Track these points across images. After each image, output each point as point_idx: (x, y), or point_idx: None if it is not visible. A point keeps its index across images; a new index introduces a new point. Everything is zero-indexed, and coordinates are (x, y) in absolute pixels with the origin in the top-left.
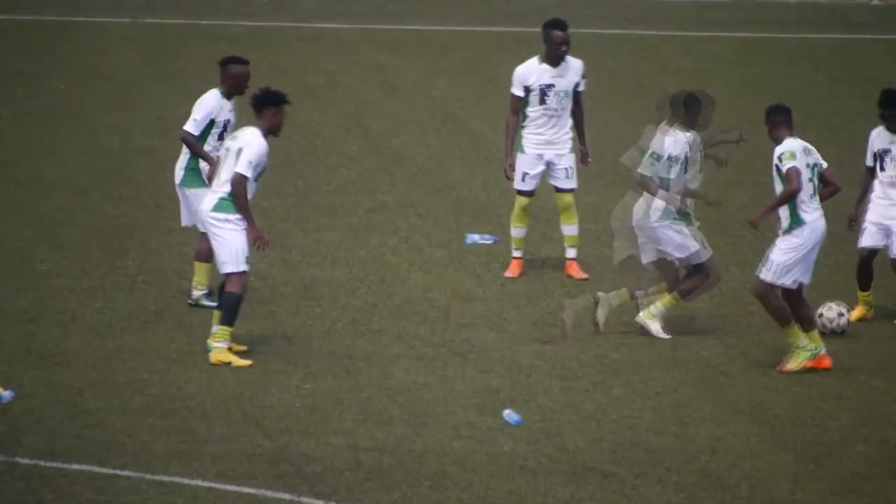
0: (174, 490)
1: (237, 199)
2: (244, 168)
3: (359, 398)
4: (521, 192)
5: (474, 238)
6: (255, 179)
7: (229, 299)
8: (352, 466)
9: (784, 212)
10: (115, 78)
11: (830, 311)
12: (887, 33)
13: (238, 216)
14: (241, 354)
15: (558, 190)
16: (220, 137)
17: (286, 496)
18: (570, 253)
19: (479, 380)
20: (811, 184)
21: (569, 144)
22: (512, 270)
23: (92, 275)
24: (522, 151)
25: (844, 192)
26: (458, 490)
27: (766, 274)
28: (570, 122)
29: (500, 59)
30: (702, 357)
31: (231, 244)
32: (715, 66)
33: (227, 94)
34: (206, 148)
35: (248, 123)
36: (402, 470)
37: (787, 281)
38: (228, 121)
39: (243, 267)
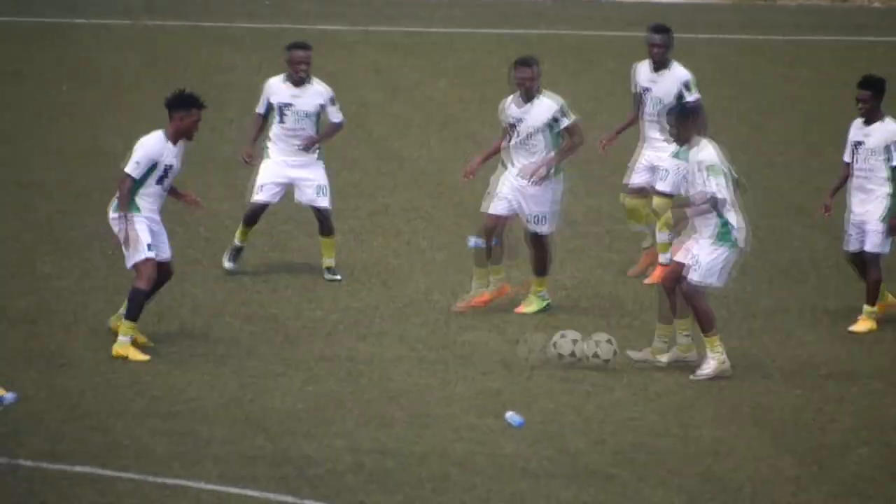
0: (177, 493)
1: (120, 193)
2: (130, 168)
3: (360, 400)
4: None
5: (476, 241)
6: (160, 182)
7: (135, 294)
8: (354, 469)
9: (712, 217)
10: (116, 80)
11: (564, 340)
12: (888, 35)
13: (133, 213)
14: (144, 348)
15: (655, 192)
16: (281, 120)
17: (289, 499)
18: (662, 259)
19: (481, 382)
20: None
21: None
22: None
23: (93, 276)
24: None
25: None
26: (460, 492)
27: (695, 275)
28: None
29: (501, 61)
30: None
31: (128, 238)
32: (716, 69)
33: (291, 79)
34: (273, 129)
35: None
36: (404, 472)
37: (717, 281)
38: (288, 104)
39: (146, 254)
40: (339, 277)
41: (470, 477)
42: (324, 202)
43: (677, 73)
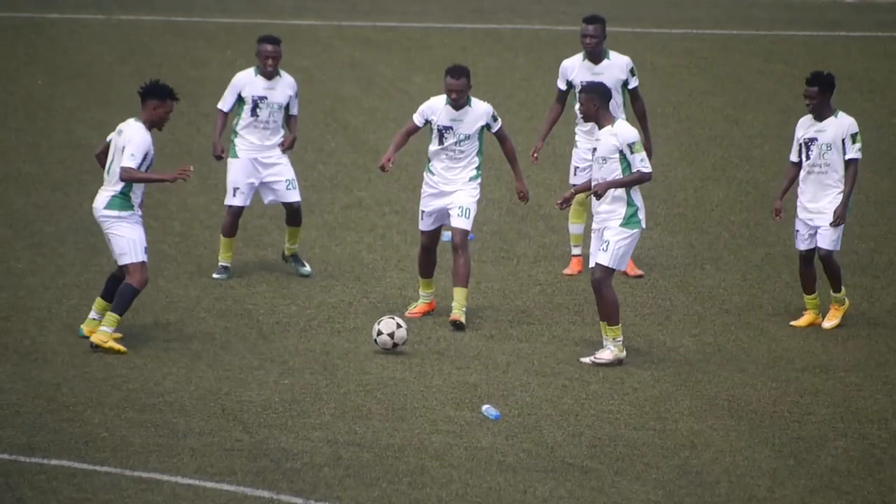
0: (153, 487)
1: (136, 179)
2: (129, 161)
3: (337, 393)
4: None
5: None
6: (145, 172)
7: (127, 291)
8: (331, 462)
9: (620, 194)
10: (91, 74)
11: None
12: (861, 30)
13: (130, 212)
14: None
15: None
16: (254, 113)
17: (265, 494)
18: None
19: (457, 375)
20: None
21: None
22: (572, 267)
23: (67, 272)
24: (576, 146)
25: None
26: (437, 487)
27: (605, 258)
28: (622, 116)
29: (475, 57)
30: (679, 353)
31: (127, 237)
32: (691, 64)
33: (262, 72)
34: (242, 123)
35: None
36: (381, 465)
37: (624, 266)
38: (262, 97)
39: (142, 257)
40: (308, 269)
41: (447, 471)
42: (294, 196)
43: (621, 61)
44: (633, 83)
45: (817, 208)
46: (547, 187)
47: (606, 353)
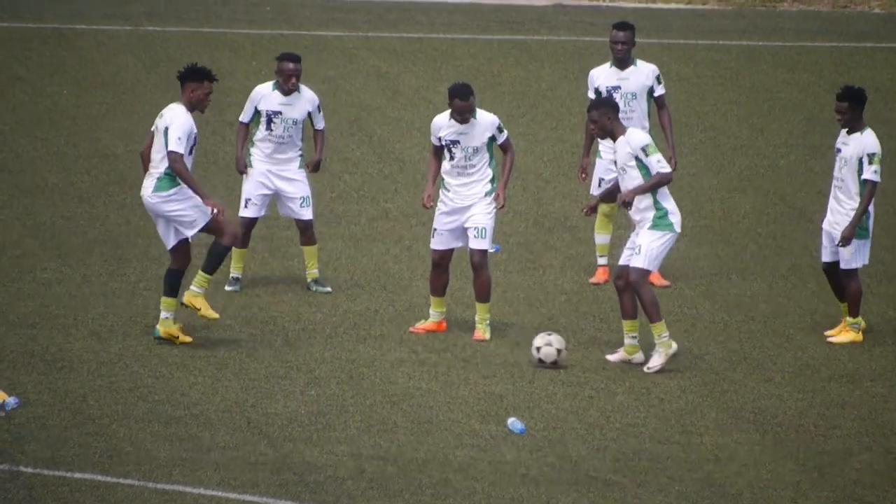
0: (177, 499)
1: (181, 175)
2: (175, 145)
3: (363, 405)
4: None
5: (496, 246)
6: (190, 153)
7: (218, 251)
8: (354, 475)
9: (647, 201)
10: (117, 84)
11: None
12: (888, 41)
13: (178, 188)
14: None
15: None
16: (269, 128)
17: None
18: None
19: (483, 385)
20: None
21: None
22: (598, 277)
23: (93, 282)
24: (599, 157)
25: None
26: (460, 499)
27: (640, 260)
28: (646, 126)
29: (501, 67)
30: (705, 362)
31: (186, 207)
32: (717, 74)
33: (280, 88)
34: (259, 136)
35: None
36: (405, 478)
37: (656, 267)
38: (277, 112)
39: (211, 214)
40: (329, 289)
41: (470, 483)
42: (307, 214)
43: (647, 68)
44: (659, 91)
45: (835, 221)
46: (574, 199)
47: (657, 359)
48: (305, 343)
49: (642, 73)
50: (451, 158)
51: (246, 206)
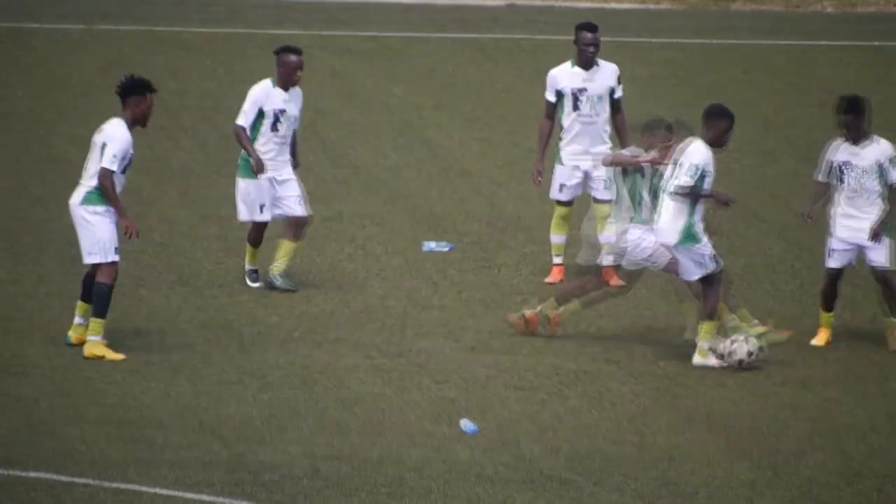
0: (132, 498)
1: (106, 192)
2: (109, 162)
3: (316, 408)
4: (559, 203)
5: (430, 245)
6: (123, 172)
7: (101, 291)
8: (310, 474)
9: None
10: (71, 85)
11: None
12: (841, 40)
13: (105, 208)
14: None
15: (596, 200)
16: (274, 128)
17: None
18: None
19: (436, 390)
20: None
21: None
22: (553, 276)
23: (48, 282)
24: (561, 163)
25: (793, 202)
26: (416, 497)
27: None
28: (608, 130)
29: (456, 66)
30: (658, 367)
31: (99, 234)
32: (671, 74)
33: (281, 84)
34: (262, 139)
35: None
36: (360, 477)
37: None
38: (283, 111)
39: (112, 257)
40: (295, 287)
41: (426, 482)
42: (305, 210)
43: (609, 68)
44: (619, 93)
45: (860, 228)
46: (527, 201)
47: (712, 359)
48: (260, 348)
49: (606, 74)
50: (577, 109)
51: (261, 212)
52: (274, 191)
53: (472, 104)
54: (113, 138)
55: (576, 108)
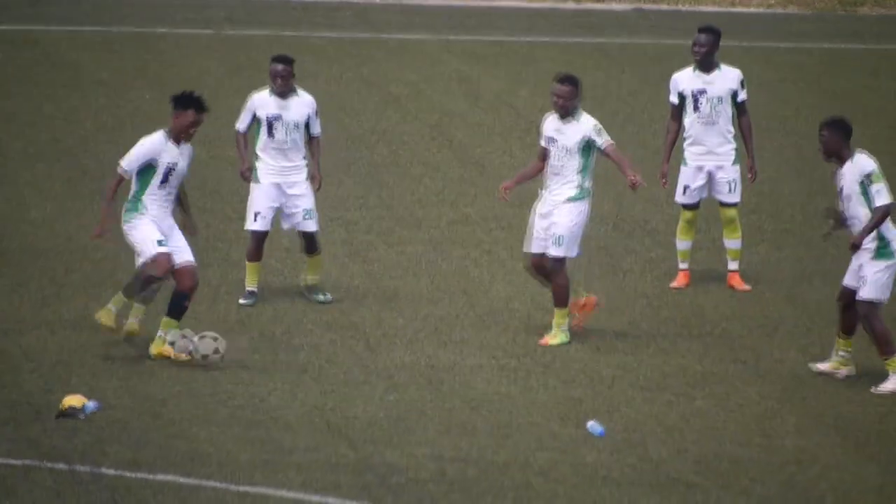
0: (259, 501)
1: (107, 188)
2: (122, 160)
3: (442, 409)
4: (684, 206)
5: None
6: (162, 184)
7: (138, 279)
8: (436, 477)
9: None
10: (198, 88)
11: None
12: None
13: (138, 213)
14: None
15: (722, 204)
16: (270, 133)
17: None
18: (732, 265)
19: (562, 390)
20: None
21: (731, 156)
22: (679, 281)
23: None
24: (685, 164)
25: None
26: (543, 501)
27: (866, 292)
28: (731, 131)
29: (581, 70)
30: (785, 367)
31: (137, 237)
32: (799, 78)
33: (276, 93)
34: (261, 145)
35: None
36: (487, 481)
37: (884, 297)
38: (277, 116)
39: (157, 249)
40: (329, 298)
41: (552, 486)
42: (311, 226)
43: (732, 72)
44: (742, 96)
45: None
46: (655, 203)
47: (889, 384)
48: (386, 348)
49: (727, 77)
50: (697, 110)
51: (255, 220)
52: (281, 200)
53: (598, 107)
54: (140, 141)
55: (696, 109)
